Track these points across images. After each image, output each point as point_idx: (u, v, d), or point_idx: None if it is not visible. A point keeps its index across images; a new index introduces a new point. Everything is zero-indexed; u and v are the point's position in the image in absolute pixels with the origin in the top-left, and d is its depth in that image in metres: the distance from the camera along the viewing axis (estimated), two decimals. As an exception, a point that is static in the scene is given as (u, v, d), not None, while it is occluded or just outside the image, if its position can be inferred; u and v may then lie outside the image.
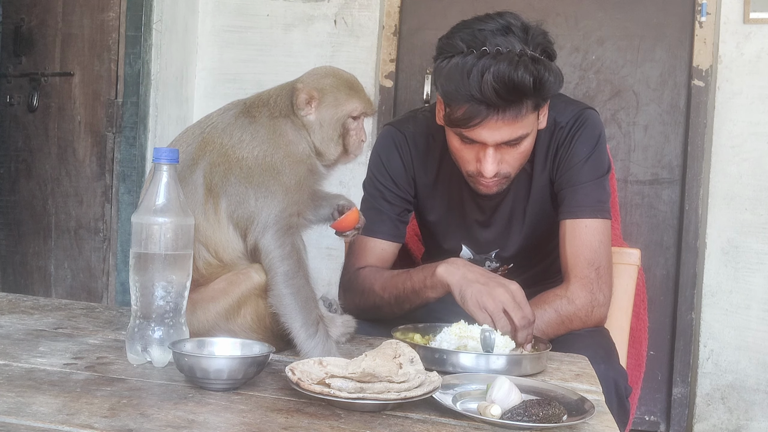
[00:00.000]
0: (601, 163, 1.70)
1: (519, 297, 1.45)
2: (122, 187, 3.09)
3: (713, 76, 3.12)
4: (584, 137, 1.69)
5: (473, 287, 1.48)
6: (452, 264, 1.55)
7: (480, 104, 1.49)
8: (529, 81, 1.47)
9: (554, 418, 1.03)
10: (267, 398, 1.08)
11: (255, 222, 1.33)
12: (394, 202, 1.77)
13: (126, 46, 3.07)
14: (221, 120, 1.39)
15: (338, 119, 1.39)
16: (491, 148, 1.56)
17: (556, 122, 1.70)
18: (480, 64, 1.48)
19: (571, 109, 1.72)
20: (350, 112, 1.40)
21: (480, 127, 1.53)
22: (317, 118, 1.39)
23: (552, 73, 1.51)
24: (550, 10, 3.29)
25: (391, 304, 1.66)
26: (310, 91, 1.38)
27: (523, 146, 1.59)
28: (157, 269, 1.21)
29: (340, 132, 1.40)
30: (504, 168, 1.60)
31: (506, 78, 1.46)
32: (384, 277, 1.68)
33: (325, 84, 1.40)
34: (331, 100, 1.39)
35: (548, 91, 1.53)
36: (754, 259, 3.08)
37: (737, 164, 3.09)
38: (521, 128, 1.55)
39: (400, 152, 1.78)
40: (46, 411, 0.97)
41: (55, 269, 3.22)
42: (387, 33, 3.36)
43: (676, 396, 3.18)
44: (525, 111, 1.53)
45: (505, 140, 1.55)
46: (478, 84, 1.47)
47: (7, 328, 1.42)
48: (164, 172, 1.22)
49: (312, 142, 1.39)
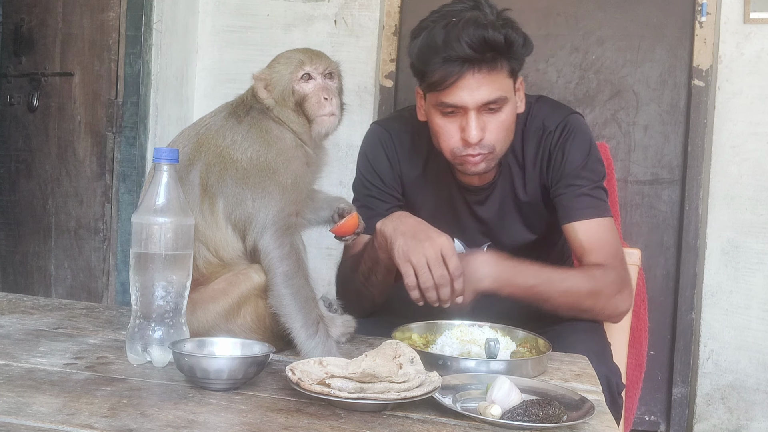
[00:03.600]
0: (597, 168, 1.74)
1: (447, 251, 1.48)
2: (122, 187, 3.09)
3: (713, 76, 3.12)
4: (577, 144, 1.72)
5: (401, 239, 1.51)
6: (389, 217, 1.59)
7: (454, 62, 1.55)
8: (499, 37, 1.55)
9: (554, 418, 1.03)
10: (267, 398, 1.08)
11: (253, 223, 1.33)
12: (383, 199, 1.80)
13: (126, 46, 3.07)
14: (214, 122, 1.41)
15: (284, 88, 1.40)
16: (473, 112, 1.59)
17: (544, 126, 1.74)
18: (450, 27, 1.56)
19: (558, 114, 1.76)
20: (291, 76, 1.40)
21: (457, 88, 1.57)
22: (274, 98, 1.41)
23: (519, 35, 1.60)
24: (550, 10, 3.29)
25: (364, 283, 1.69)
26: (262, 76, 1.42)
27: (503, 115, 1.62)
28: (157, 269, 1.21)
29: (295, 100, 1.40)
30: (488, 138, 1.62)
31: (477, 32, 1.53)
32: (353, 259, 1.72)
33: (273, 64, 1.44)
34: (276, 76, 1.41)
35: (518, 52, 1.60)
36: (754, 259, 3.08)
37: (737, 164, 3.09)
38: (498, 89, 1.59)
39: (386, 150, 1.81)
40: (46, 411, 0.98)
41: (55, 269, 3.22)
42: (387, 33, 3.36)
43: (676, 396, 3.18)
44: (500, 69, 1.59)
45: (484, 100, 1.58)
46: (450, 42, 1.54)
47: (7, 328, 1.42)
48: (164, 172, 1.22)
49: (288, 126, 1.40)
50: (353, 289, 1.71)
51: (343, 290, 1.76)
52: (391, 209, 1.77)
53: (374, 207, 1.77)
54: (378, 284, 1.67)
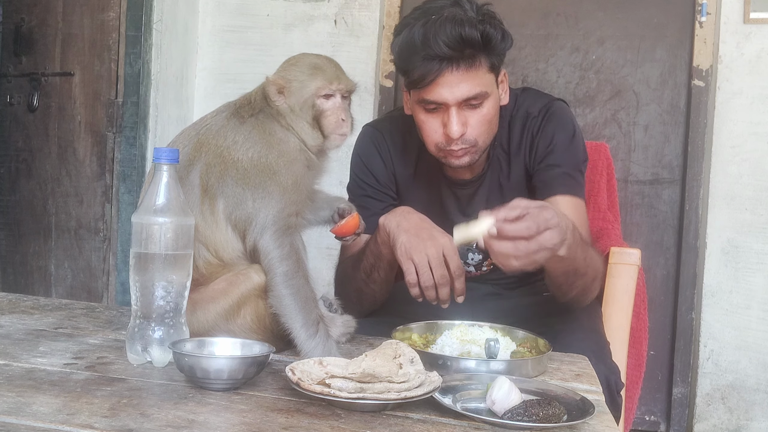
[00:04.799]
0: (578, 152, 1.76)
1: (448, 251, 1.49)
2: (122, 187, 3.09)
3: (713, 76, 3.12)
4: (559, 126, 1.74)
5: (404, 236, 1.52)
6: (392, 212, 1.60)
7: (433, 60, 1.56)
8: (475, 34, 1.55)
9: (554, 418, 1.03)
10: (267, 398, 1.08)
11: (253, 223, 1.33)
12: (378, 198, 1.81)
13: (126, 46, 3.07)
14: (215, 122, 1.41)
15: (305, 101, 1.39)
16: (453, 108, 1.60)
17: (528, 113, 1.76)
18: (428, 25, 1.56)
19: (542, 101, 1.79)
20: (315, 92, 1.40)
21: (437, 85, 1.58)
22: (289, 105, 1.40)
23: (498, 30, 1.59)
24: (550, 10, 3.29)
25: (365, 280, 1.69)
26: (276, 80, 1.40)
27: (485, 109, 1.62)
28: (157, 269, 1.21)
29: (313, 114, 1.40)
30: (470, 133, 1.63)
31: (455, 30, 1.54)
32: (354, 257, 1.72)
33: (291, 70, 1.42)
34: (296, 84, 1.40)
35: (496, 47, 1.60)
36: (754, 259, 3.08)
37: (737, 164, 3.09)
38: (478, 85, 1.59)
39: (379, 149, 1.83)
40: (46, 411, 0.98)
41: (55, 269, 3.22)
42: (387, 33, 3.36)
43: (677, 396, 3.18)
44: (479, 65, 1.58)
45: (464, 97, 1.59)
46: (428, 40, 1.54)
47: (8, 328, 1.42)
48: (164, 172, 1.22)
49: (296, 132, 1.40)
50: (354, 288, 1.71)
51: (342, 289, 1.76)
52: (387, 208, 1.77)
53: (370, 206, 1.78)
54: (380, 281, 1.67)
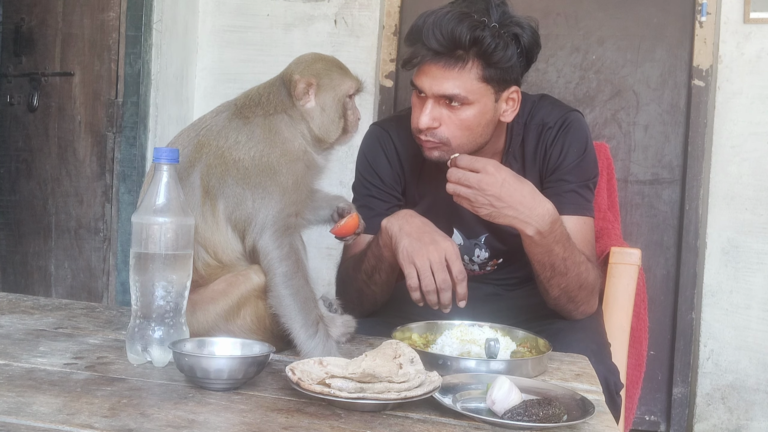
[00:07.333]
0: (590, 167, 1.76)
1: (451, 255, 1.48)
2: (122, 187, 3.09)
3: (713, 76, 3.12)
4: (573, 140, 1.74)
5: (406, 240, 1.52)
6: (395, 215, 1.60)
7: (422, 46, 1.57)
8: (465, 35, 1.53)
9: (554, 418, 1.03)
10: (267, 398, 1.08)
11: (253, 223, 1.33)
12: (383, 199, 1.80)
13: (126, 46, 3.07)
14: (215, 123, 1.40)
15: (338, 100, 1.42)
16: (430, 99, 1.61)
17: (543, 123, 1.76)
18: (437, 14, 1.56)
19: (558, 111, 1.77)
20: (347, 92, 1.44)
21: (422, 72, 1.60)
22: (318, 104, 1.41)
23: (503, 43, 1.56)
24: (550, 10, 3.29)
25: (366, 282, 1.68)
26: (308, 78, 1.40)
27: (463, 114, 1.61)
28: (157, 269, 1.21)
29: (341, 113, 1.43)
30: (442, 131, 1.62)
31: (446, 26, 1.54)
32: (355, 258, 1.72)
33: (318, 69, 1.43)
34: (327, 83, 1.41)
35: (493, 58, 1.57)
36: (754, 259, 3.08)
37: (737, 164, 3.09)
38: (459, 87, 1.58)
39: (385, 149, 1.82)
40: (46, 411, 0.98)
41: (55, 269, 3.22)
42: (387, 33, 3.36)
43: (677, 396, 3.18)
44: (467, 69, 1.57)
45: (440, 92, 1.59)
46: (427, 27, 1.56)
47: (8, 328, 1.42)
48: (164, 172, 1.22)
49: (312, 129, 1.40)
50: (355, 289, 1.71)
51: (343, 289, 1.76)
52: (392, 209, 1.77)
53: (374, 207, 1.77)
54: (381, 283, 1.67)
